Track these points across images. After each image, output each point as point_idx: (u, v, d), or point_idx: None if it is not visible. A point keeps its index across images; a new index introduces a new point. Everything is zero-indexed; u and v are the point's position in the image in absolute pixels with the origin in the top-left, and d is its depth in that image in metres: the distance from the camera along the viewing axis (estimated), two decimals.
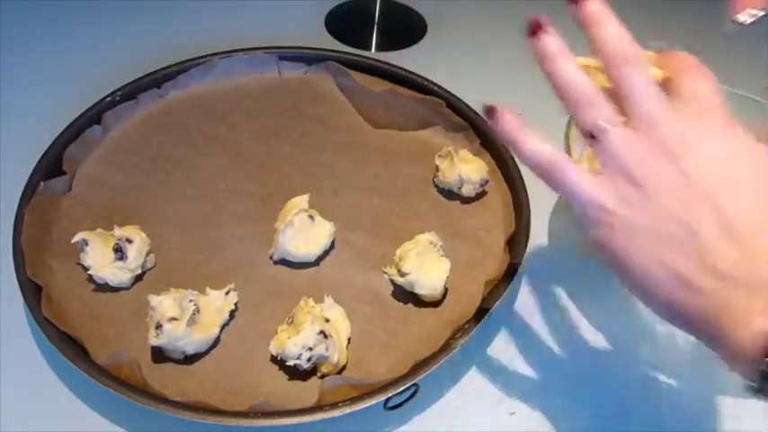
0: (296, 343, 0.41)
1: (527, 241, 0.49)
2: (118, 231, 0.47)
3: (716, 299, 0.25)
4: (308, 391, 0.41)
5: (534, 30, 0.32)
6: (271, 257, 0.49)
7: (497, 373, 0.45)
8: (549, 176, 0.31)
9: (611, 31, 0.30)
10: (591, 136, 0.30)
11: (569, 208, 0.32)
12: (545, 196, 0.57)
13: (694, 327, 0.27)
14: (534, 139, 0.31)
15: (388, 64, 0.63)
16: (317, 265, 0.49)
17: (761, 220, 0.25)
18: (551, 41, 0.31)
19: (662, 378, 0.45)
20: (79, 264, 0.47)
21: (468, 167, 0.53)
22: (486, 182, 0.54)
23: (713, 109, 0.29)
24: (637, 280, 0.28)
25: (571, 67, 0.31)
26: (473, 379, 0.44)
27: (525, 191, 0.52)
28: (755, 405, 0.40)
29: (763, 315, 0.24)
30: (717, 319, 0.25)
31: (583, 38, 0.33)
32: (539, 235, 0.54)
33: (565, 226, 0.55)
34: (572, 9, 0.32)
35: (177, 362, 0.43)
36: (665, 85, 0.30)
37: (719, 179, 0.26)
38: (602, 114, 0.29)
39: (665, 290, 0.27)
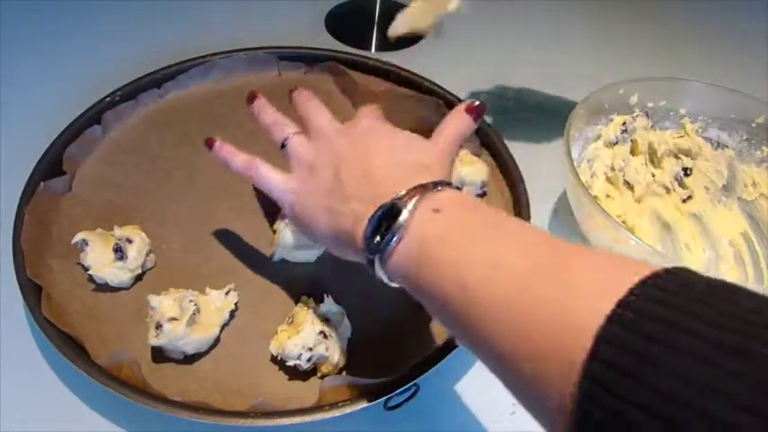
0: (296, 343, 0.41)
1: None
2: (118, 231, 0.47)
3: (348, 215, 0.35)
4: (308, 391, 0.41)
5: (250, 99, 0.45)
6: (271, 257, 0.49)
7: None
8: (254, 178, 0.42)
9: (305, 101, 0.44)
10: (282, 146, 0.42)
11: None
12: (545, 196, 0.58)
13: (341, 241, 0.36)
14: (234, 152, 0.44)
15: (388, 64, 0.63)
16: (317, 265, 0.49)
17: (380, 168, 0.35)
18: (258, 102, 0.45)
19: None
20: (79, 264, 0.47)
21: (468, 170, 0.53)
22: (487, 184, 0.54)
23: (364, 122, 0.40)
24: (311, 226, 0.39)
25: (269, 111, 0.44)
26: (473, 379, 0.44)
27: (525, 191, 0.52)
28: None
29: (368, 216, 0.33)
30: (349, 230, 0.35)
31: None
32: None
33: (565, 226, 0.55)
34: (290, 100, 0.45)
35: (177, 362, 0.43)
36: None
37: (360, 150, 0.37)
38: (286, 130, 0.42)
39: (325, 224, 0.37)
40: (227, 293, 0.46)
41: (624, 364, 0.19)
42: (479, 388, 0.44)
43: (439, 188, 0.32)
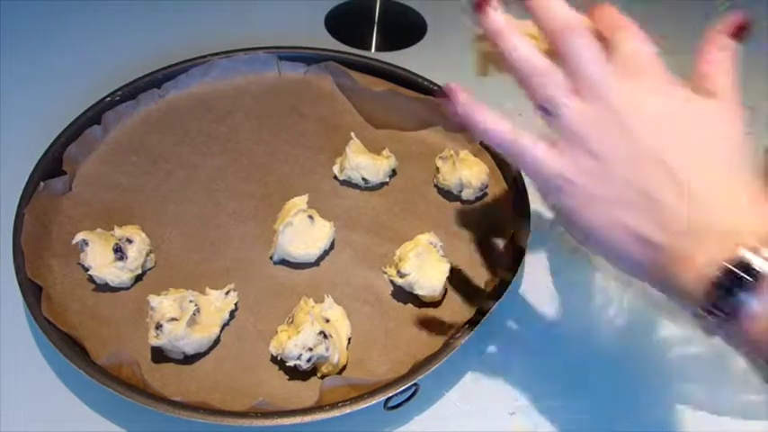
0: (296, 343, 0.41)
1: (527, 241, 0.49)
2: (118, 231, 0.47)
3: (670, 251, 0.28)
4: (308, 391, 0.41)
5: (480, 4, 0.33)
6: (271, 258, 0.49)
7: (497, 373, 0.45)
8: (511, 153, 0.32)
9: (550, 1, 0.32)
10: (544, 110, 0.31)
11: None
12: None
13: (651, 277, 0.30)
14: (494, 116, 0.32)
15: (388, 64, 0.63)
16: (317, 265, 0.49)
17: (706, 170, 0.28)
18: (498, 17, 0.33)
19: (664, 376, 0.45)
20: (79, 264, 0.47)
21: (468, 172, 0.53)
22: (487, 186, 0.54)
23: (652, 66, 0.31)
24: (598, 241, 0.31)
25: (521, 42, 0.32)
26: (473, 379, 0.44)
27: (525, 191, 0.52)
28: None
29: (706, 262, 0.26)
30: (670, 269, 0.28)
31: None
32: (539, 235, 0.53)
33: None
34: None
35: (177, 362, 0.43)
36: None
37: (666, 138, 0.29)
38: (552, 88, 0.31)
39: (625, 248, 0.29)
40: (227, 293, 0.46)
41: None
42: (479, 388, 0.44)
43: None
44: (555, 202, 0.32)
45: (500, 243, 0.51)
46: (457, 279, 0.48)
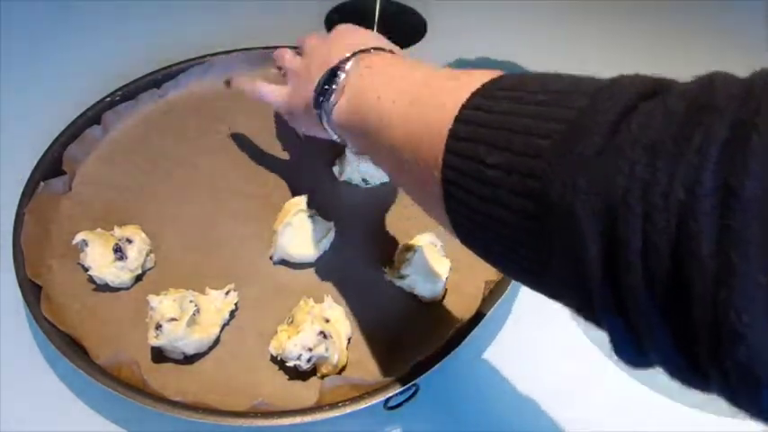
0: (296, 343, 0.41)
1: None
2: (118, 231, 0.47)
3: (312, 90, 0.39)
4: (308, 391, 0.41)
5: (227, 82, 0.56)
6: (271, 258, 0.49)
7: (497, 373, 0.45)
8: (255, 96, 0.49)
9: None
10: (281, 70, 0.49)
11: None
12: None
13: (311, 116, 0.40)
14: (245, 79, 0.52)
15: None
16: (317, 265, 0.49)
17: (336, 50, 0.39)
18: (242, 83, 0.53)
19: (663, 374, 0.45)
20: (79, 264, 0.47)
21: None
22: None
23: (341, 26, 0.44)
24: (294, 115, 0.45)
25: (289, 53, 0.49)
26: (473, 379, 0.44)
27: None
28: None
29: (319, 81, 0.39)
30: (310, 100, 0.40)
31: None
32: None
33: None
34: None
35: (177, 362, 0.43)
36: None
37: (327, 44, 0.42)
38: (283, 55, 0.49)
39: (300, 106, 0.43)
40: (227, 293, 0.46)
41: (471, 136, 0.25)
42: (479, 388, 0.44)
43: (373, 52, 0.37)
44: (283, 112, 0.47)
45: None
46: (457, 279, 0.48)
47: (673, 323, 0.18)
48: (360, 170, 0.54)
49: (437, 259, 0.47)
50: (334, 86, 0.37)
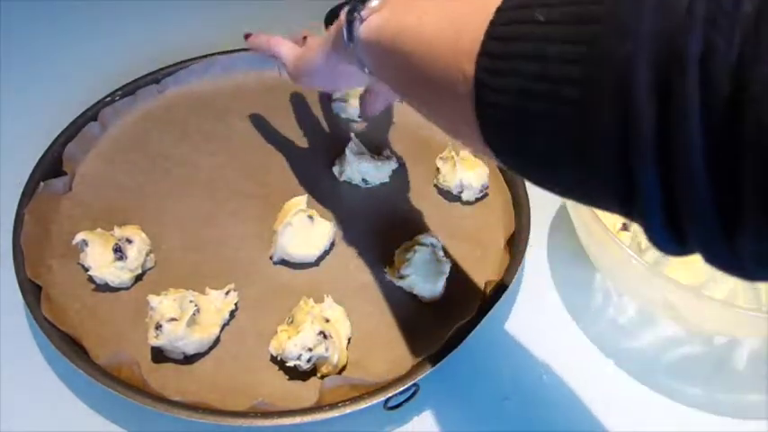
0: (296, 343, 0.41)
1: (527, 241, 0.49)
2: (118, 231, 0.47)
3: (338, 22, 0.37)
4: (308, 391, 0.41)
5: (246, 36, 0.53)
6: (271, 258, 0.49)
7: (497, 373, 0.45)
8: (267, 49, 0.50)
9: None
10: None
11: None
12: (545, 197, 0.57)
13: (336, 46, 0.39)
14: (264, 36, 0.51)
15: None
16: (317, 265, 0.49)
17: None
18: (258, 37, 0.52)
19: (664, 375, 0.45)
20: (79, 264, 0.47)
21: (469, 173, 0.53)
22: (487, 187, 0.54)
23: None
24: (310, 65, 0.44)
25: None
26: (473, 379, 0.44)
27: (525, 191, 0.52)
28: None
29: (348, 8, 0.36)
30: (338, 32, 0.38)
31: None
32: (539, 235, 0.54)
33: (565, 226, 0.55)
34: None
35: (177, 362, 0.43)
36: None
37: None
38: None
39: (322, 50, 0.41)
40: (227, 293, 0.46)
41: (502, 52, 0.23)
42: (479, 388, 0.44)
43: None
44: (290, 67, 0.47)
45: (500, 243, 0.51)
46: (457, 279, 0.48)
47: (721, 192, 0.17)
48: (360, 170, 0.54)
49: (437, 259, 0.47)
50: (360, 10, 0.35)
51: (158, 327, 0.41)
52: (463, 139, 0.29)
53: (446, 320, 0.45)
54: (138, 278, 0.47)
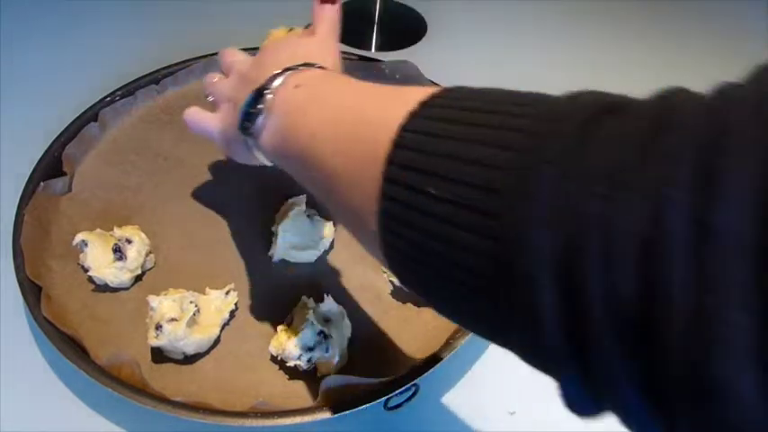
0: (296, 344, 0.41)
1: None
2: (117, 232, 0.47)
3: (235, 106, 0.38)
4: (308, 391, 0.41)
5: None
6: (271, 258, 0.49)
7: (497, 373, 0.45)
8: (188, 124, 0.46)
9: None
10: (208, 97, 0.46)
11: None
12: None
13: (245, 145, 0.37)
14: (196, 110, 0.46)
15: None
16: (317, 265, 0.49)
17: (264, 66, 0.37)
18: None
19: None
20: (79, 264, 0.47)
21: None
22: None
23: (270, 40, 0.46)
24: (232, 147, 0.41)
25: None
26: (473, 379, 0.44)
27: None
28: None
29: (244, 101, 0.35)
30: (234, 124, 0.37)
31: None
32: None
33: None
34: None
35: (177, 362, 0.43)
36: None
37: (256, 62, 0.40)
38: (207, 80, 0.46)
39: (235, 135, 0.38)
40: (227, 293, 0.46)
41: (413, 159, 0.22)
42: (479, 388, 0.44)
43: (302, 68, 0.35)
44: (218, 141, 0.43)
45: None
46: None
47: (639, 375, 0.16)
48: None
49: None
50: (261, 107, 0.33)
51: (158, 327, 0.41)
52: (375, 256, 0.28)
53: (446, 320, 0.45)
54: (138, 278, 0.47)
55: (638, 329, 0.15)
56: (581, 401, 0.19)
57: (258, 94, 0.34)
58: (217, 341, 0.44)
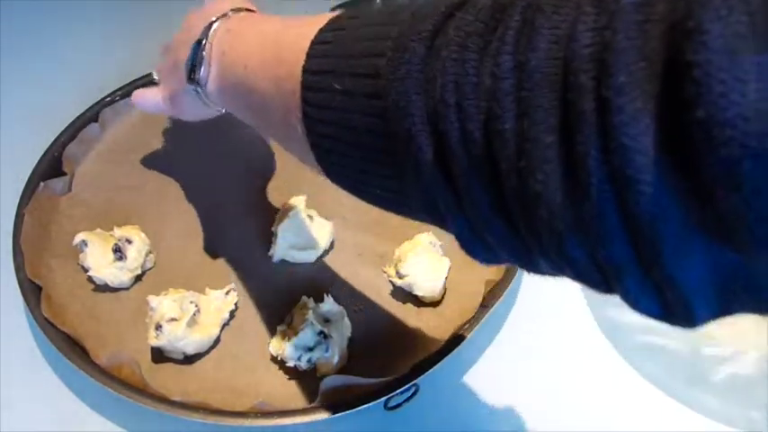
0: (295, 344, 0.41)
1: None
2: (117, 232, 0.47)
3: (184, 70, 0.38)
4: (308, 391, 0.41)
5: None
6: (270, 258, 0.49)
7: (497, 373, 0.45)
8: (136, 104, 0.48)
9: None
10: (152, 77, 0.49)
11: None
12: None
13: (194, 99, 0.39)
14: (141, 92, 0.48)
15: None
16: (317, 265, 0.49)
17: (196, 22, 0.38)
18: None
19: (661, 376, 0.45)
20: (79, 264, 0.47)
21: None
22: None
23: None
24: (179, 109, 0.44)
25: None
26: (473, 379, 0.44)
27: None
28: None
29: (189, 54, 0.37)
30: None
31: None
32: None
33: None
34: None
35: (177, 362, 0.43)
36: None
37: (186, 25, 0.41)
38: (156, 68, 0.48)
39: (180, 95, 0.42)
40: (227, 293, 0.46)
41: (321, 64, 0.26)
42: (479, 388, 0.44)
43: (231, 14, 0.37)
44: (166, 111, 0.46)
45: None
46: (456, 279, 0.48)
47: (498, 205, 0.20)
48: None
49: (437, 259, 0.47)
50: (202, 56, 0.36)
51: (158, 327, 0.41)
52: (308, 164, 0.31)
53: (446, 320, 0.46)
54: (138, 278, 0.47)
55: (486, 159, 0.19)
56: (469, 240, 0.23)
57: (198, 45, 0.36)
58: (217, 341, 0.44)
